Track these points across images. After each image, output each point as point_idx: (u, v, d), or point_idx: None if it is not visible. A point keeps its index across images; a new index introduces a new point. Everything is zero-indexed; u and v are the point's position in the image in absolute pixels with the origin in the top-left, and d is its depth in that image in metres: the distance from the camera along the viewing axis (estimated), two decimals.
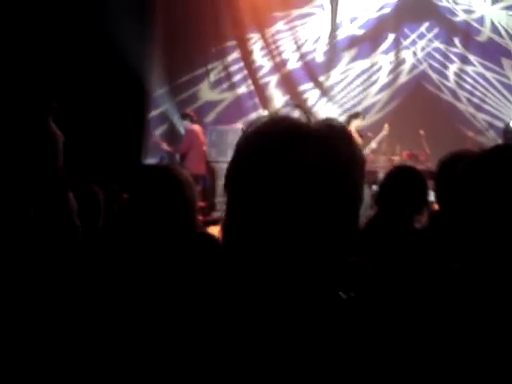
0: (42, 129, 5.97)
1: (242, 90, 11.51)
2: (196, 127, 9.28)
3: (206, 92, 11.54)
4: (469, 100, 10.96)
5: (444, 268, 1.53)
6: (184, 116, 9.04)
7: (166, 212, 2.20)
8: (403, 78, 11.20)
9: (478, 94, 10.98)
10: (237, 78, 11.54)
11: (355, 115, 9.23)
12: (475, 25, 11.07)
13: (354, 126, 8.90)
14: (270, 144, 1.02)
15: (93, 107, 9.39)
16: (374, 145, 9.18)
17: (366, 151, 8.89)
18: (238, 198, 1.06)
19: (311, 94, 11.35)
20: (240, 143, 1.09)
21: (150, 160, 10.67)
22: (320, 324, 1.02)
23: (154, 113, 11.33)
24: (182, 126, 8.98)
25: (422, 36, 11.22)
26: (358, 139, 8.71)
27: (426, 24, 11.20)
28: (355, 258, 1.27)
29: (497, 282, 1.34)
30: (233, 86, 11.52)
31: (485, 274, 1.36)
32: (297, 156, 1.01)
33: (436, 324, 1.36)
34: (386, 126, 9.37)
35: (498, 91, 10.97)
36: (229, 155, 10.17)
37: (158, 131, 11.23)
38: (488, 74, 10.97)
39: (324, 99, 11.29)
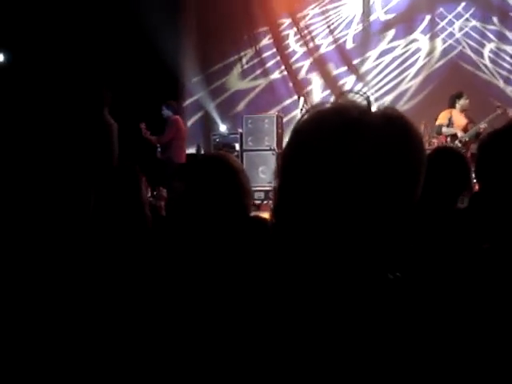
0: (98, 119, 6.05)
1: (275, 76, 11.49)
2: (179, 118, 9.24)
3: (238, 80, 11.55)
4: (508, 78, 10.74)
5: (474, 248, 1.52)
6: (167, 106, 9.03)
7: (223, 198, 2.24)
8: (440, 59, 11.02)
9: None
10: (269, 64, 11.54)
11: (459, 95, 8.76)
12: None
13: (459, 107, 8.63)
14: (328, 132, 1.02)
15: (130, 98, 9.49)
16: (483, 125, 8.51)
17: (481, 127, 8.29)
18: (291, 182, 1.06)
19: (346, 79, 11.27)
20: (298, 127, 1.09)
21: (187, 149, 10.75)
22: (366, 304, 1.03)
23: (188, 102, 11.40)
24: (165, 115, 8.97)
25: (458, 16, 11.02)
26: (464, 120, 8.54)
27: (463, 3, 10.99)
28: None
29: None
30: (266, 73, 11.52)
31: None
32: (353, 146, 1.01)
33: (462, 305, 1.36)
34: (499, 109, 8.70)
35: None
36: (265, 143, 10.28)
37: (194, 119, 11.30)
38: None
39: (359, 84, 11.20)
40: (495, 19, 10.90)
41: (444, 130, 8.43)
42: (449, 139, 8.16)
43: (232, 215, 2.26)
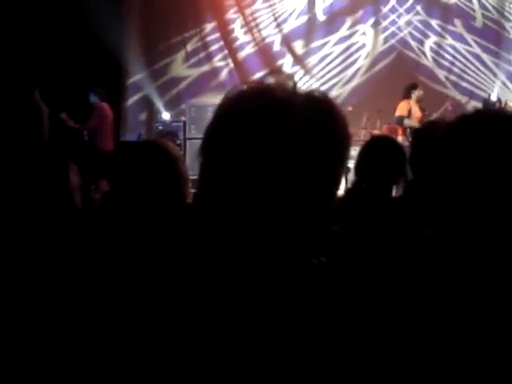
0: (27, 102, 5.86)
1: (221, 64, 11.44)
2: (105, 105, 9.16)
3: (182, 67, 11.46)
4: (450, 70, 10.99)
5: (417, 233, 1.54)
6: (94, 92, 8.93)
7: (159, 187, 2.21)
8: (384, 52, 11.19)
9: (458, 64, 11.02)
10: (215, 52, 11.47)
11: (414, 86, 8.90)
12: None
13: (414, 98, 8.73)
14: (251, 113, 1.00)
15: (72, 87, 9.30)
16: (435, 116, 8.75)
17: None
18: (213, 163, 1.04)
19: (290, 68, 11.31)
20: (220, 108, 1.07)
21: (128, 137, 10.62)
22: (289, 289, 1.02)
23: (133, 97, 11.27)
24: (91, 102, 8.88)
25: (402, 4, 11.20)
26: (419, 112, 8.66)
27: None
28: (335, 227, 1.26)
29: (469, 247, 1.34)
30: (211, 61, 11.45)
31: (457, 238, 1.37)
32: (276, 126, 0.99)
33: (407, 289, 1.37)
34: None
35: (478, 65, 11.02)
36: None
37: (137, 109, 11.18)
38: (468, 48, 11.01)
39: (302, 71, 11.26)
40: (438, 13, 11.12)
41: (406, 121, 8.54)
42: (408, 131, 8.26)
43: (169, 202, 2.23)
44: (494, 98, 9.97)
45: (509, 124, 1.38)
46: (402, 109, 8.68)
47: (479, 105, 9.94)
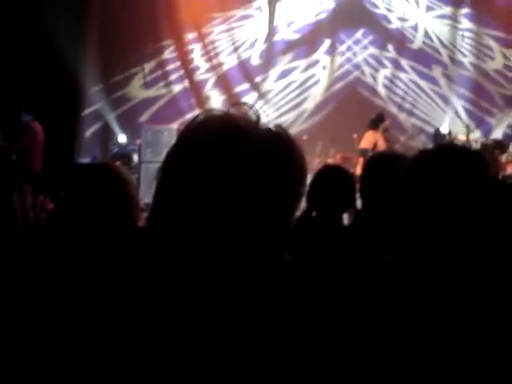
0: None
1: (178, 89, 11.45)
2: (37, 125, 9.09)
3: (141, 91, 11.42)
4: (400, 106, 11.24)
5: (379, 261, 1.58)
6: (28, 111, 8.85)
7: (109, 210, 2.19)
8: (338, 83, 11.37)
9: (409, 99, 11.27)
10: (173, 77, 11.48)
11: (381, 117, 9.02)
12: (409, 32, 11.37)
13: (381, 129, 8.80)
14: (211, 139, 1.02)
15: (24, 103, 9.17)
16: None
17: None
18: (170, 187, 1.05)
19: (248, 96, 11.38)
20: (183, 132, 1.08)
21: (83, 159, 10.48)
22: (238, 314, 1.02)
23: (87, 111, 11.15)
24: (23, 121, 8.82)
25: (357, 42, 11.43)
26: (384, 143, 8.70)
27: (362, 30, 11.42)
28: (287, 255, 1.28)
29: (430, 272, 1.40)
30: (169, 86, 11.45)
31: (418, 265, 1.42)
32: (235, 154, 1.01)
33: (372, 310, 1.40)
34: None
35: (429, 97, 11.29)
36: (164, 155, 10.29)
37: (92, 129, 11.08)
38: (420, 81, 11.28)
39: (260, 101, 11.35)
40: (391, 47, 11.39)
41: (369, 154, 8.59)
42: None
43: (118, 225, 2.21)
44: (444, 130, 10.21)
45: (467, 159, 1.45)
46: (367, 141, 8.74)
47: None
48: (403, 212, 1.50)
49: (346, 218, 3.55)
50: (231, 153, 1.01)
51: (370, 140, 8.77)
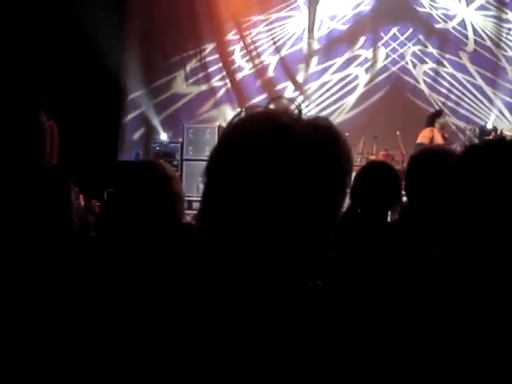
0: (31, 122, 5.87)
1: (221, 90, 11.49)
2: (53, 124, 9.15)
3: (182, 88, 11.50)
4: (445, 100, 11.07)
5: (428, 257, 1.57)
6: (43, 113, 8.90)
7: (156, 205, 2.24)
8: (380, 78, 11.26)
9: (452, 97, 11.09)
10: (215, 78, 11.52)
11: (438, 113, 8.98)
12: (455, 29, 11.19)
13: (438, 126, 8.76)
14: (255, 137, 1.02)
15: (70, 106, 9.33)
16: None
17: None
18: (218, 185, 1.06)
19: (289, 93, 11.37)
20: (225, 131, 1.09)
21: (126, 157, 10.63)
22: (287, 311, 1.02)
23: (131, 115, 11.30)
24: (41, 122, 8.88)
25: (398, 37, 11.29)
26: (441, 140, 8.62)
27: (405, 26, 11.26)
28: (329, 252, 1.28)
29: (480, 270, 1.38)
30: (210, 84, 11.49)
31: (467, 262, 1.40)
32: (281, 151, 1.01)
33: (424, 311, 1.38)
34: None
35: (473, 95, 11.09)
36: (206, 153, 10.28)
37: (136, 131, 11.23)
38: (464, 77, 11.09)
39: (301, 98, 11.30)
40: (436, 43, 11.22)
41: None
42: None
43: (164, 221, 2.25)
44: (489, 126, 10.03)
45: None
46: (423, 136, 8.67)
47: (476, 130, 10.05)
48: (450, 208, 1.48)
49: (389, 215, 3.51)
50: (276, 150, 1.01)
51: (426, 135, 8.69)
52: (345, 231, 2.86)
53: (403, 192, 2.90)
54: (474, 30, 11.15)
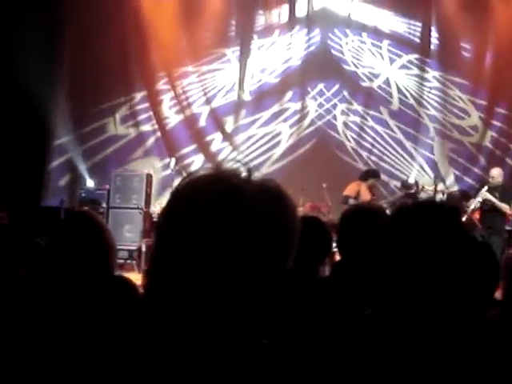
0: None
1: (151, 140, 11.46)
2: None
3: (112, 138, 11.40)
4: (369, 154, 11.43)
5: (356, 314, 1.59)
6: None
7: (89, 257, 2.20)
8: (307, 132, 11.52)
9: (376, 151, 11.46)
10: (145, 126, 11.49)
11: (374, 173, 9.41)
12: (380, 87, 11.64)
13: (368, 183, 9.12)
14: (206, 199, 1.03)
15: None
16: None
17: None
18: (167, 247, 1.06)
19: (219, 144, 11.46)
20: (178, 191, 1.10)
21: (50, 202, 10.39)
22: (238, 370, 1.03)
23: (58, 160, 11.10)
24: None
25: (326, 93, 11.62)
26: (368, 195, 8.99)
27: (332, 82, 11.63)
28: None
29: (406, 329, 1.40)
30: (141, 136, 11.44)
31: (396, 319, 1.42)
32: (231, 213, 1.02)
33: (352, 366, 1.40)
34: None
35: (395, 150, 11.50)
36: (133, 201, 10.12)
37: (62, 176, 11.02)
38: (388, 131, 11.50)
39: (231, 150, 11.42)
40: (361, 99, 11.62)
41: (351, 201, 8.81)
42: None
43: (97, 274, 2.20)
44: (411, 180, 10.38)
45: (445, 216, 1.47)
46: (350, 189, 9.05)
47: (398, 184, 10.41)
48: (381, 266, 1.52)
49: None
50: (227, 212, 1.02)
51: (353, 188, 9.07)
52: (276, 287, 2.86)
53: (335, 247, 2.94)
54: (398, 89, 11.63)
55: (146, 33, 11.21)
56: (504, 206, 8.30)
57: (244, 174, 1.09)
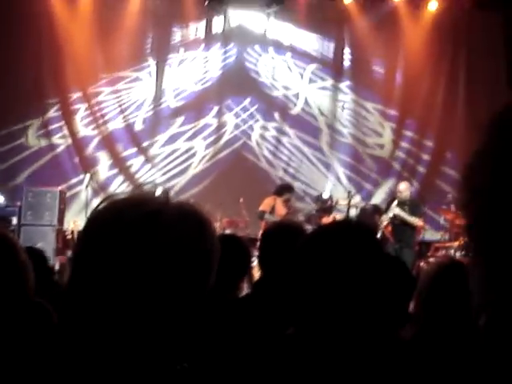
0: None
1: (61, 149, 11.17)
2: None
3: (23, 150, 11.05)
4: (285, 170, 11.61)
5: (278, 334, 1.60)
6: None
7: (4, 279, 2.11)
8: (225, 148, 11.57)
9: (293, 164, 11.66)
10: (56, 137, 11.19)
11: (289, 188, 9.54)
12: (291, 100, 11.85)
13: (283, 198, 9.21)
14: (125, 224, 1.04)
15: None
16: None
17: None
18: (84, 271, 1.06)
19: (135, 160, 11.31)
20: (97, 214, 1.09)
21: None
22: None
23: None
24: None
25: (243, 109, 11.73)
26: (283, 210, 9.11)
27: (248, 98, 11.74)
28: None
29: (331, 345, 1.43)
30: (51, 146, 11.14)
31: (316, 339, 1.45)
32: (151, 237, 1.03)
33: None
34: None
35: (312, 163, 11.73)
36: (45, 218, 9.79)
37: None
38: (303, 147, 11.72)
39: (148, 166, 11.29)
40: (276, 114, 11.79)
41: (266, 216, 8.90)
42: None
43: (13, 297, 2.12)
44: (326, 195, 10.59)
45: (362, 237, 1.52)
46: (266, 204, 9.19)
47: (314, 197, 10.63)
48: (299, 285, 1.55)
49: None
50: (145, 237, 1.03)
51: (268, 203, 9.23)
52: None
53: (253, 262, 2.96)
54: (312, 106, 11.89)
55: (61, 48, 10.97)
56: (414, 220, 8.61)
57: (163, 197, 1.10)
